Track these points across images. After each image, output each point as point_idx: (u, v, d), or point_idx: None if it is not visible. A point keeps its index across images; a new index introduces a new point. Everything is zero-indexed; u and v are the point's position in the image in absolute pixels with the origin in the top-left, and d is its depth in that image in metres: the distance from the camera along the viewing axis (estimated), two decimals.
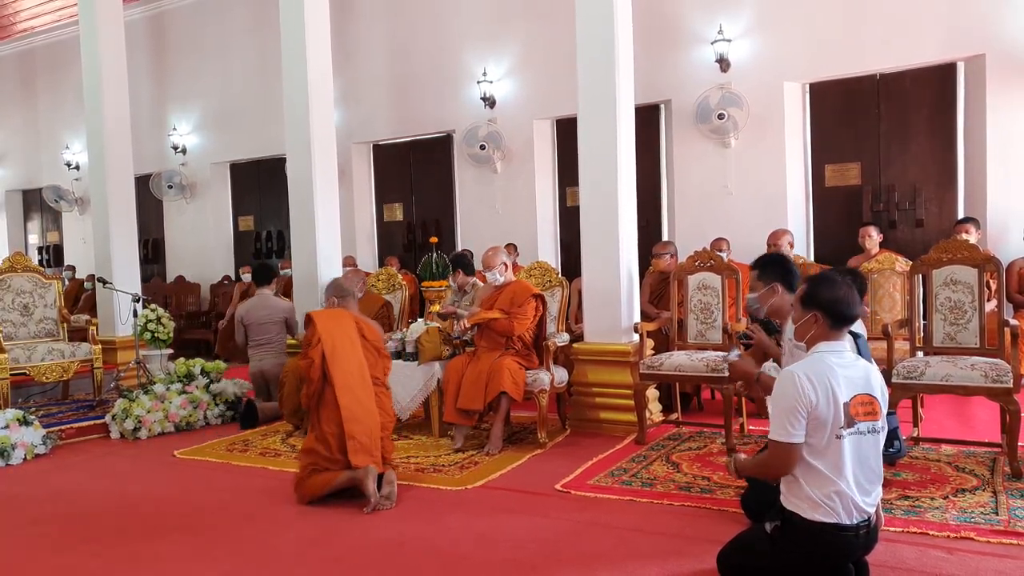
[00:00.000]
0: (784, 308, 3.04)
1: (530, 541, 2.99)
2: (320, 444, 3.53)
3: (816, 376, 2.24)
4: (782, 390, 2.28)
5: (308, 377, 3.59)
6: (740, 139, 6.68)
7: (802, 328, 2.40)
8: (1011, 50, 5.69)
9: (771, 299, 3.12)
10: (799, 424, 2.23)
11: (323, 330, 3.62)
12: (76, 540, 3.20)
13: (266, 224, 9.90)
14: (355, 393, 3.56)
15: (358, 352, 3.66)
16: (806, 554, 2.30)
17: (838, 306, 2.32)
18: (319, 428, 3.56)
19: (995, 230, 5.85)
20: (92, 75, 7.18)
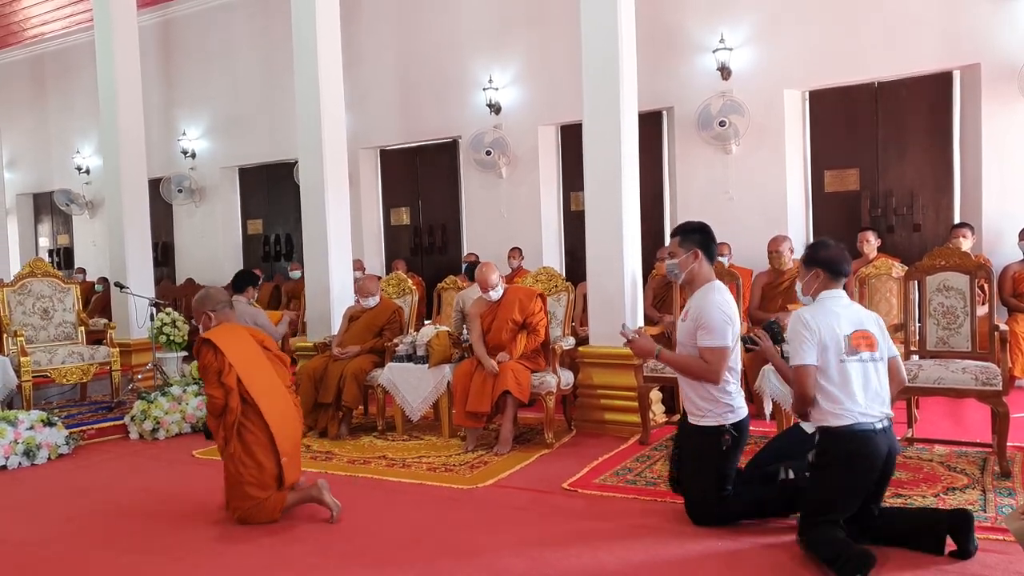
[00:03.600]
0: (701, 276, 3.17)
1: (539, 537, 3.13)
2: (252, 471, 3.32)
3: (817, 314, 2.85)
4: (793, 328, 2.85)
5: (228, 407, 3.29)
6: (741, 145, 6.82)
7: (807, 284, 2.98)
8: (1005, 59, 5.83)
9: (691, 264, 3.17)
10: (807, 349, 2.79)
11: (230, 353, 3.33)
12: (109, 536, 3.34)
13: (274, 228, 10.05)
14: (278, 408, 3.40)
15: (266, 365, 3.47)
16: (846, 460, 2.75)
17: (832, 262, 2.92)
18: (248, 458, 3.32)
19: (990, 235, 5.98)
20: (107, 80, 7.33)
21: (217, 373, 3.31)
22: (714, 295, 3.10)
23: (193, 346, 3.53)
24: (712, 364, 3.03)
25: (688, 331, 3.13)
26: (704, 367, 3.04)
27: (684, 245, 3.18)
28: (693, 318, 3.11)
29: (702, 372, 3.05)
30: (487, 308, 4.66)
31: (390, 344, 5.08)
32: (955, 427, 4.61)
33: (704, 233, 3.20)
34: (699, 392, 3.12)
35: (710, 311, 3.05)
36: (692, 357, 3.09)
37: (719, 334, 3.04)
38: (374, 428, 5.12)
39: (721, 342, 3.03)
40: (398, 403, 4.86)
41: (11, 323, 5.98)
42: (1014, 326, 5.33)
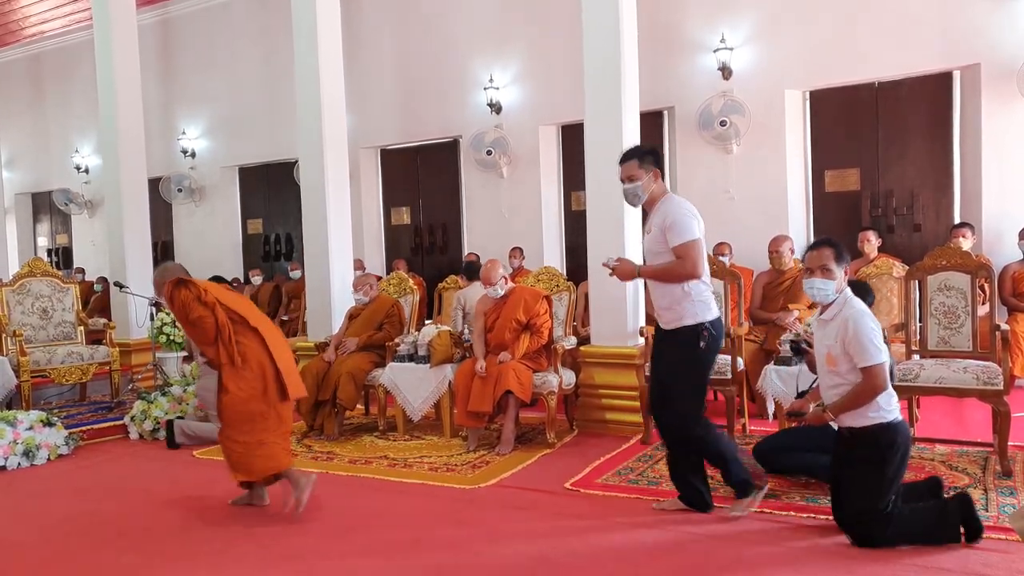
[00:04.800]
0: (658, 194, 3.23)
1: (541, 537, 3.13)
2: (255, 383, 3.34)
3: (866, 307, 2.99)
4: (866, 326, 2.89)
5: (219, 323, 3.30)
6: (742, 145, 6.83)
7: (841, 282, 3.04)
8: (1005, 60, 5.83)
9: (652, 186, 3.21)
10: (882, 346, 2.89)
11: (203, 284, 3.41)
12: (109, 536, 3.34)
13: (274, 227, 10.05)
14: (266, 324, 3.47)
15: (249, 304, 3.55)
16: (904, 449, 2.89)
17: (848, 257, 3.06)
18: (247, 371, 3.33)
19: (990, 235, 5.99)
20: (106, 79, 7.32)
21: (196, 299, 3.34)
22: (674, 199, 3.20)
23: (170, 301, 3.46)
24: (688, 258, 3.07)
25: (656, 239, 3.17)
26: (682, 264, 3.08)
27: (643, 167, 3.19)
28: (658, 226, 3.16)
29: (681, 269, 3.08)
30: (492, 306, 4.67)
31: (391, 344, 5.08)
32: (956, 426, 4.61)
33: (656, 153, 3.26)
34: (673, 295, 3.14)
35: (673, 212, 3.12)
36: (668, 262, 3.13)
37: (687, 228, 3.09)
38: (375, 428, 5.12)
39: (690, 235, 3.09)
40: (399, 403, 4.86)
41: (10, 323, 5.97)
42: (1014, 325, 5.34)
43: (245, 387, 3.37)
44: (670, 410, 3.21)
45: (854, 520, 2.87)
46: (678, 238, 3.09)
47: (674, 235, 3.09)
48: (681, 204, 3.17)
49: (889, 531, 2.81)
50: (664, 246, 3.13)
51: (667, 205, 3.17)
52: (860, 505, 2.84)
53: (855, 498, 2.86)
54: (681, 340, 3.14)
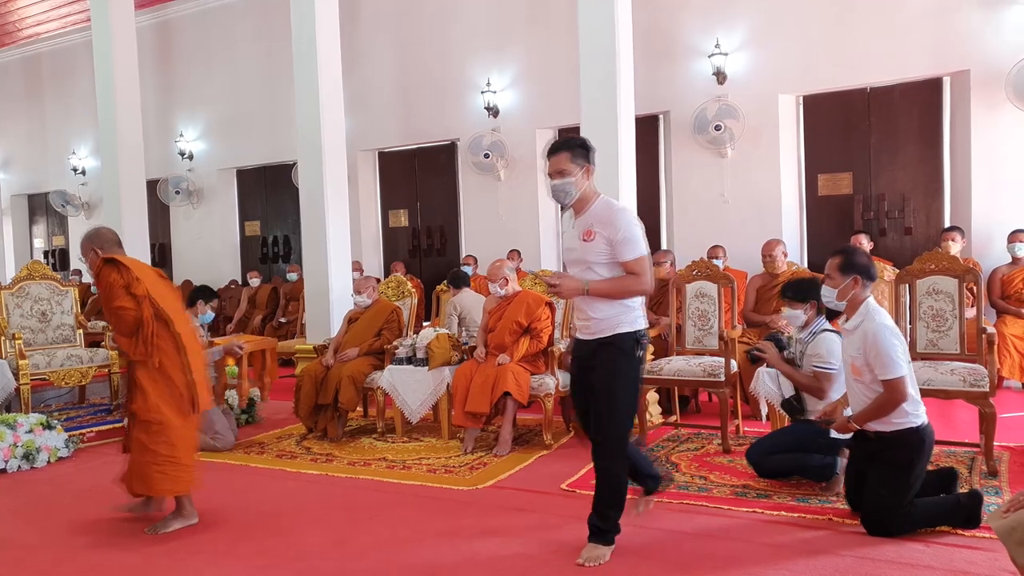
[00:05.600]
0: (591, 191, 2.91)
1: (538, 538, 3.19)
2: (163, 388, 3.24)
3: (890, 320, 3.07)
4: (887, 339, 2.97)
5: (143, 318, 3.18)
6: (736, 149, 6.90)
7: (844, 290, 3.14)
8: (994, 66, 5.92)
9: (585, 182, 2.89)
10: (904, 358, 2.98)
11: (136, 270, 3.28)
12: (111, 538, 3.38)
13: (272, 229, 10.09)
14: (187, 328, 3.34)
15: (170, 291, 3.44)
16: (927, 452, 3.02)
17: (870, 268, 3.16)
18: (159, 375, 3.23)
19: (979, 239, 6.08)
20: (104, 81, 7.36)
21: (124, 287, 3.22)
22: (615, 205, 2.91)
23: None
24: (645, 274, 2.85)
25: (595, 248, 2.84)
26: (638, 281, 2.84)
27: (575, 161, 2.86)
28: (602, 235, 2.83)
29: (638, 286, 2.85)
30: (496, 306, 4.74)
31: (389, 347, 5.14)
32: (944, 427, 4.68)
33: (588, 147, 2.93)
34: (613, 305, 2.87)
35: (624, 222, 2.82)
36: (621, 276, 2.85)
37: (640, 241, 2.85)
38: (374, 430, 5.17)
39: (644, 249, 2.86)
40: (398, 405, 4.92)
41: (9, 326, 5.99)
42: (1002, 328, 5.43)
43: (158, 391, 3.26)
44: (610, 434, 2.90)
45: (874, 514, 3.01)
46: (632, 252, 2.82)
47: (628, 249, 2.82)
48: (628, 212, 2.89)
49: (906, 524, 2.98)
50: (605, 256, 2.84)
51: (610, 212, 2.85)
52: (883, 502, 2.99)
53: (879, 495, 3.00)
54: (619, 348, 2.87)
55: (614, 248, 2.82)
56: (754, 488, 3.64)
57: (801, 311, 3.79)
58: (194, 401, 3.31)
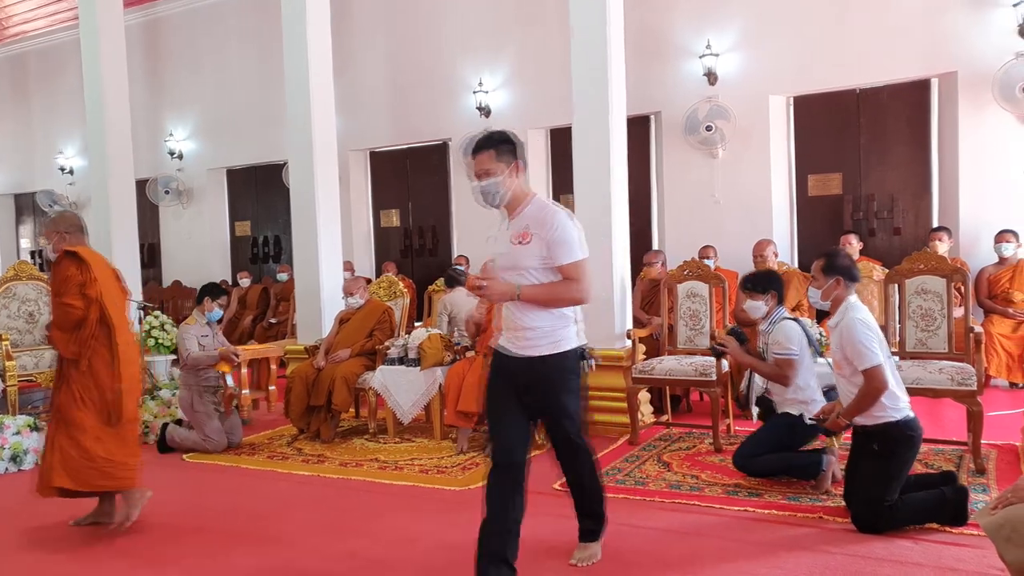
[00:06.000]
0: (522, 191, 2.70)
1: (531, 537, 3.18)
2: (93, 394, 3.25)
3: (867, 316, 3.15)
4: (860, 330, 3.06)
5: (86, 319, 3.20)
6: (727, 150, 6.94)
7: (827, 290, 3.24)
8: (981, 68, 5.98)
9: (514, 181, 2.67)
10: (877, 349, 3.04)
11: (96, 269, 3.27)
12: (98, 541, 3.36)
13: (263, 229, 10.04)
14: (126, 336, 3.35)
15: (121, 294, 3.44)
16: (910, 445, 3.09)
17: (852, 270, 3.27)
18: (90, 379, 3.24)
19: (967, 239, 6.13)
20: (92, 80, 7.29)
21: (80, 285, 3.22)
22: (551, 205, 2.68)
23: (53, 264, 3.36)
24: (584, 280, 2.60)
25: (530, 252, 2.59)
26: (576, 287, 2.59)
27: (502, 159, 2.62)
28: (541, 238, 2.58)
29: (576, 293, 2.60)
30: (489, 306, 4.73)
31: (381, 347, 5.13)
32: (933, 425, 4.72)
33: (515, 143, 2.69)
34: (553, 317, 2.63)
35: (561, 223, 2.58)
36: (556, 282, 2.60)
37: (579, 245, 2.61)
38: (366, 431, 5.17)
39: (583, 253, 2.62)
40: (390, 406, 4.91)
41: None
42: (989, 327, 5.48)
43: (82, 391, 3.26)
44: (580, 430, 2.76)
45: (861, 507, 3.08)
46: (569, 255, 2.57)
47: (564, 251, 2.57)
48: (566, 213, 2.64)
49: (893, 520, 3.03)
50: (541, 260, 2.58)
51: (546, 212, 2.62)
52: (868, 495, 3.06)
53: (865, 488, 3.08)
54: (566, 368, 2.65)
55: (550, 250, 2.57)
56: (745, 487, 3.66)
57: (762, 302, 3.91)
58: (119, 411, 3.30)
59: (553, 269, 2.60)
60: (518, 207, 2.68)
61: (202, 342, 4.85)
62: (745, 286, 4.00)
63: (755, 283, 3.97)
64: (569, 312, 2.67)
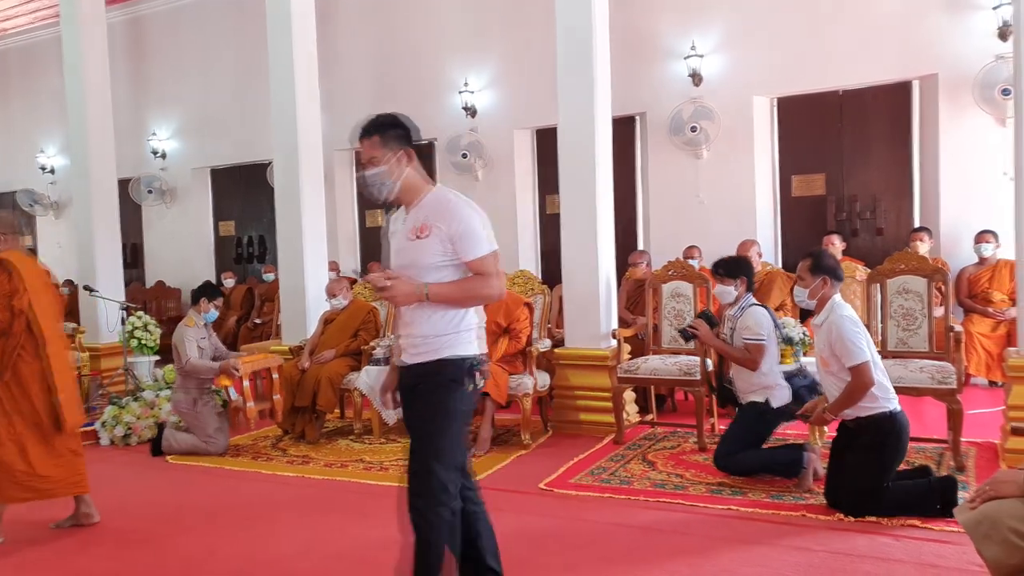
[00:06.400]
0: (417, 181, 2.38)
1: (516, 537, 3.19)
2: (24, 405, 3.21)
3: (852, 312, 3.25)
4: (848, 328, 3.14)
5: (11, 331, 3.14)
6: (711, 151, 6.97)
7: (814, 289, 3.32)
8: (961, 70, 6.05)
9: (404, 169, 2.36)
10: (865, 345, 3.13)
11: (27, 278, 3.19)
12: (82, 545, 3.33)
13: (247, 229, 9.97)
14: (58, 345, 3.28)
15: (54, 301, 3.38)
16: (899, 436, 3.18)
17: (837, 269, 3.37)
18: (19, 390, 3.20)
19: (948, 239, 6.20)
20: (74, 78, 7.21)
21: (8, 296, 3.16)
22: (453, 196, 2.36)
23: None
24: (491, 275, 2.30)
25: (433, 249, 2.30)
26: (486, 283, 2.30)
27: (388, 145, 2.34)
28: (442, 231, 2.29)
29: (485, 288, 2.31)
30: None
31: (366, 347, 5.11)
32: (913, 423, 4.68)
33: (404, 127, 2.40)
34: (443, 321, 2.30)
35: (464, 214, 2.29)
36: (466, 278, 2.31)
37: (486, 238, 2.31)
38: (351, 432, 5.15)
39: (491, 246, 2.32)
40: (375, 407, 4.89)
41: None
42: (969, 326, 5.55)
43: (9, 404, 3.21)
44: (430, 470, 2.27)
45: (852, 496, 3.17)
46: (475, 248, 2.28)
47: (470, 244, 2.28)
48: (469, 203, 2.35)
49: (882, 506, 3.13)
50: (444, 258, 2.30)
51: (446, 202, 2.33)
52: (860, 484, 3.15)
53: (856, 478, 3.16)
54: (446, 378, 2.29)
55: (454, 245, 2.29)
56: (729, 485, 3.68)
57: (732, 287, 3.95)
58: (58, 420, 3.26)
59: (456, 265, 2.31)
60: (415, 198, 2.37)
61: (200, 344, 4.80)
62: (717, 271, 4.03)
63: (727, 268, 4.00)
64: (460, 320, 2.33)
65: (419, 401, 2.34)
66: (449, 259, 2.31)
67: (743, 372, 3.86)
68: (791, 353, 4.22)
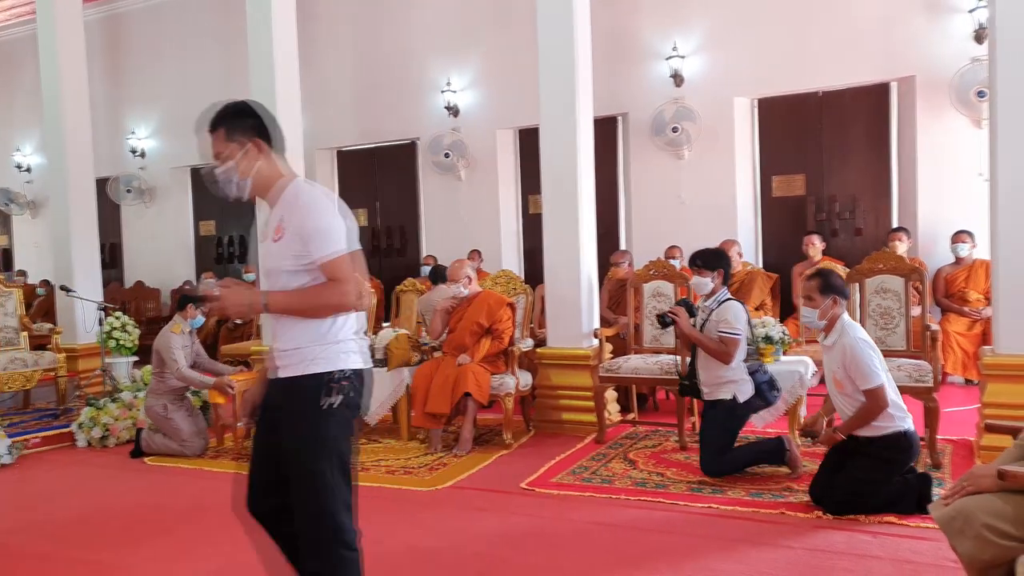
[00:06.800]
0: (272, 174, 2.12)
1: (498, 537, 3.19)
2: None
3: (864, 332, 3.31)
4: (864, 351, 3.16)
5: None
6: (693, 151, 7.01)
7: (824, 309, 3.31)
8: (939, 72, 6.13)
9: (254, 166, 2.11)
10: (880, 368, 3.17)
11: None
12: (57, 548, 3.28)
13: (228, 229, 9.88)
14: None
15: None
16: (912, 453, 3.21)
17: (845, 289, 3.39)
18: None
19: (925, 239, 6.28)
20: (50, 76, 7.10)
21: None
22: (307, 189, 2.09)
23: None
24: (344, 280, 2.02)
25: (290, 251, 2.04)
26: (337, 289, 2.02)
27: (235, 138, 2.09)
28: (291, 227, 2.04)
29: (335, 296, 2.02)
30: (457, 307, 4.72)
31: None
32: None
33: (254, 115, 2.12)
34: (306, 331, 2.05)
35: (317, 207, 2.04)
36: (313, 285, 2.05)
37: (339, 235, 2.03)
38: None
39: (348, 245, 2.05)
40: None
41: None
42: (946, 326, 5.62)
43: None
44: (318, 524, 2.03)
45: (846, 497, 3.19)
46: (325, 247, 2.00)
47: (320, 243, 2.00)
48: (326, 198, 2.08)
49: (868, 506, 3.17)
50: (299, 261, 2.03)
51: (299, 198, 2.06)
52: (858, 489, 3.18)
53: (857, 482, 3.18)
54: (306, 397, 2.03)
55: (304, 245, 2.02)
56: (709, 484, 3.70)
57: (709, 279, 3.93)
58: None
59: (316, 270, 2.02)
60: (276, 195, 2.11)
61: (184, 351, 4.71)
62: (695, 262, 3.98)
63: (704, 260, 3.95)
64: (329, 328, 2.05)
65: (286, 431, 2.04)
66: (306, 263, 2.03)
67: (711, 365, 3.83)
68: (771, 352, 4.25)
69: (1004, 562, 1.90)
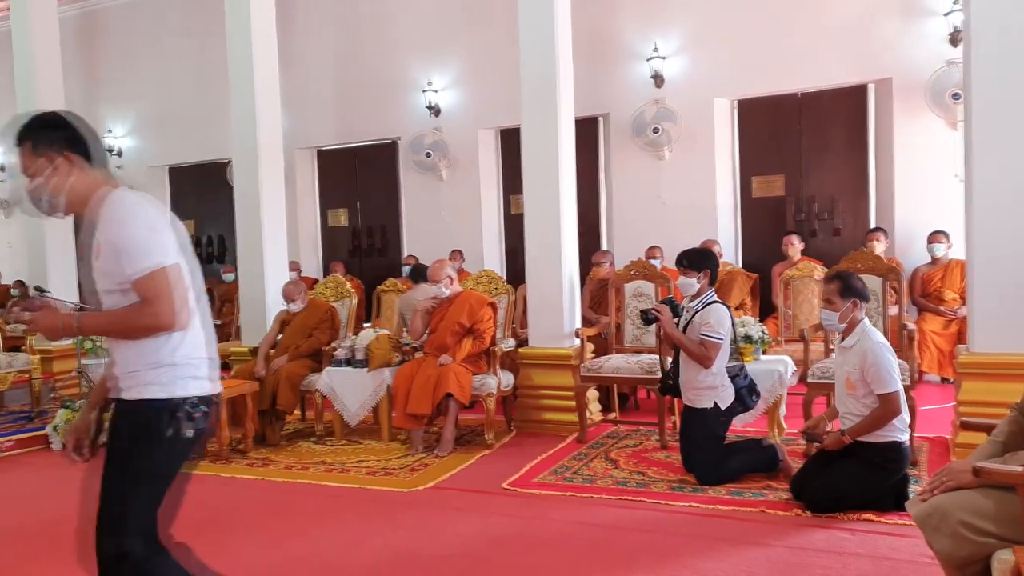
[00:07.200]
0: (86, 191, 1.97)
1: (479, 537, 3.18)
2: None
3: (884, 338, 3.33)
4: (884, 356, 3.19)
5: None
6: (673, 152, 7.05)
7: (845, 313, 3.33)
8: (915, 74, 6.22)
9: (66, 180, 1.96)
10: (898, 375, 3.21)
11: None
12: (34, 553, 3.22)
13: (207, 229, 9.77)
14: None
15: None
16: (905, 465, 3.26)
17: (865, 292, 3.41)
18: None
19: (902, 239, 6.36)
20: (24, 74, 6.97)
21: None
22: (123, 199, 1.91)
23: None
24: (156, 299, 1.84)
25: (109, 270, 1.89)
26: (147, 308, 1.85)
27: (41, 152, 1.95)
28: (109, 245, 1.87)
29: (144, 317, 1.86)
30: (438, 307, 4.69)
31: (327, 348, 5.03)
32: None
33: (65, 126, 1.98)
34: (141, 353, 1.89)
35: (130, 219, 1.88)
36: (124, 307, 1.88)
37: (152, 248, 1.86)
38: (312, 433, 5.06)
39: (163, 259, 1.86)
40: (337, 408, 4.82)
41: None
42: (922, 325, 5.70)
43: None
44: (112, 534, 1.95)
45: (832, 496, 3.22)
46: (136, 262, 1.84)
47: (131, 258, 1.84)
48: (137, 209, 1.90)
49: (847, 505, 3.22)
50: (114, 280, 1.88)
51: (111, 212, 1.89)
52: (845, 490, 3.22)
53: (845, 484, 3.22)
54: (143, 424, 1.90)
55: (119, 261, 1.85)
56: (690, 483, 3.72)
57: (695, 279, 3.89)
58: None
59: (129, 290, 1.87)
60: (95, 211, 1.92)
61: None
62: (681, 262, 3.96)
63: (691, 260, 3.92)
64: (172, 350, 1.89)
65: (110, 452, 1.95)
66: (120, 281, 1.87)
67: (691, 368, 3.80)
68: (751, 351, 4.27)
69: (980, 558, 1.92)
